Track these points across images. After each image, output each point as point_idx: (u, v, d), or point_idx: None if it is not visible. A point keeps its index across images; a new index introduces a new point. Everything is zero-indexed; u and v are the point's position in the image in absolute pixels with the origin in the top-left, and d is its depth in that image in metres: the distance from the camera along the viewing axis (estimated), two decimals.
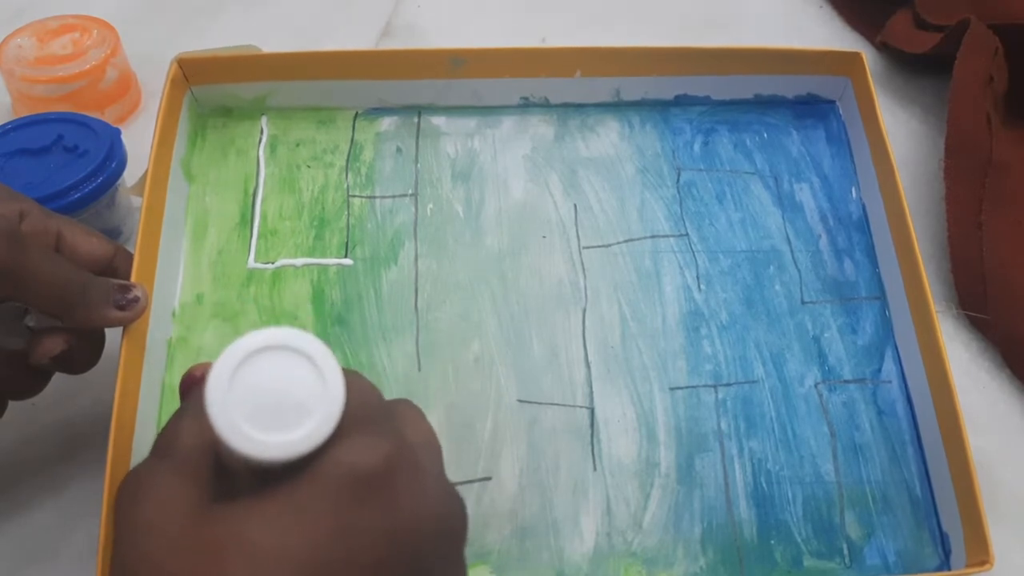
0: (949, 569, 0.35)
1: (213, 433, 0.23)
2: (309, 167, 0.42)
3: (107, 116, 0.49)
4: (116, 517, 0.24)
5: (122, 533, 0.23)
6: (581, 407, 0.38)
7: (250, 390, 0.23)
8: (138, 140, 0.43)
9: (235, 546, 0.22)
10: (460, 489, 0.34)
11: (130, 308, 0.33)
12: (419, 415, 0.27)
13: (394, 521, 0.23)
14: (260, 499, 0.23)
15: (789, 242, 0.42)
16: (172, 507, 0.23)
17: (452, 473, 0.32)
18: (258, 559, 0.21)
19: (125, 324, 0.33)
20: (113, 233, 0.44)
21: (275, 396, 0.23)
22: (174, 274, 0.39)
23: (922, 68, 0.55)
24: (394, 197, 0.41)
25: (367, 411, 0.24)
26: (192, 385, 0.27)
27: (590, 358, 0.39)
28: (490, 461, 0.36)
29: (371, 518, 0.23)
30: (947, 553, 0.36)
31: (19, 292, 0.30)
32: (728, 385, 0.39)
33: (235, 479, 0.24)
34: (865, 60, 0.44)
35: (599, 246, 0.41)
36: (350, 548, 0.22)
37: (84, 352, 0.34)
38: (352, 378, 0.24)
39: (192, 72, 0.41)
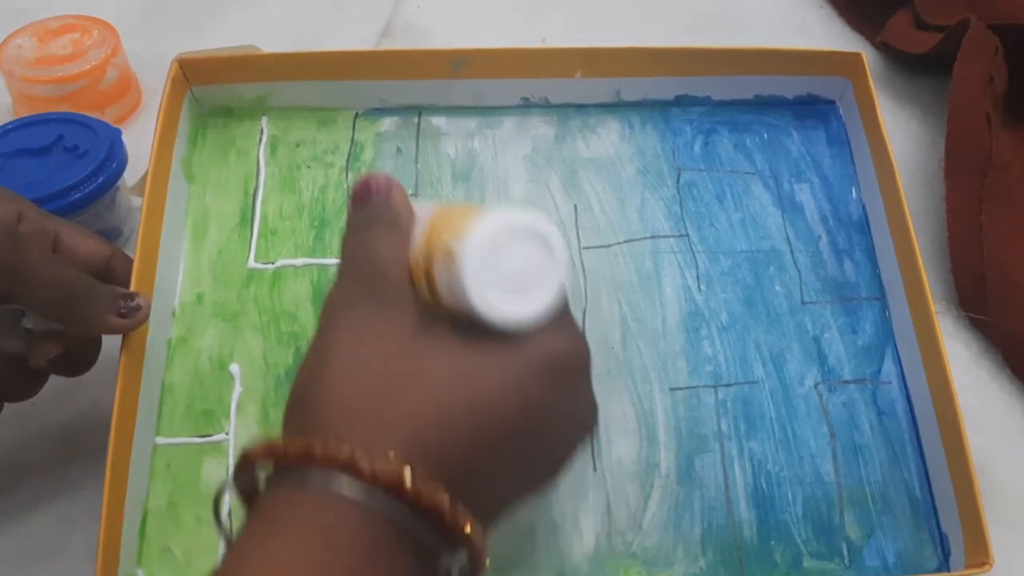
0: (949, 570, 0.35)
1: (414, 252, 0.27)
2: (309, 167, 0.42)
3: (107, 116, 0.49)
4: (325, 321, 0.27)
5: (332, 337, 0.26)
6: None
7: (497, 265, 0.26)
8: (138, 140, 0.43)
9: (442, 374, 0.25)
10: None
11: (131, 316, 0.33)
12: None
13: (566, 407, 0.27)
14: (469, 348, 0.26)
15: (789, 242, 0.42)
16: (386, 326, 0.26)
17: None
18: (460, 395, 0.25)
19: (125, 331, 0.33)
20: (113, 233, 0.44)
21: (515, 272, 0.26)
22: (174, 274, 0.39)
23: (922, 68, 0.55)
24: None
25: (566, 309, 0.28)
26: (373, 194, 0.28)
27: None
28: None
29: (551, 398, 0.26)
30: (947, 554, 0.36)
31: (19, 292, 0.30)
32: (728, 386, 0.39)
33: (436, 315, 0.27)
34: (865, 61, 0.44)
35: (599, 246, 0.41)
36: (529, 416, 0.26)
37: (81, 355, 0.34)
38: None
39: (192, 72, 0.41)
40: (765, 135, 0.45)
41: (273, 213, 0.41)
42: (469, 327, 0.26)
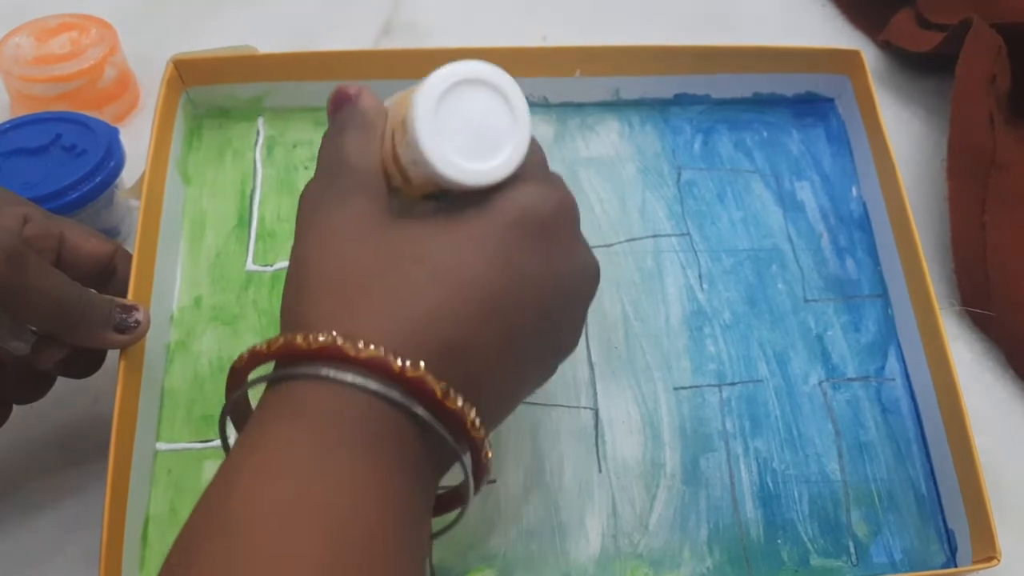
0: (955, 566, 0.35)
1: (384, 144, 0.26)
2: (307, 168, 0.42)
3: (105, 115, 0.48)
4: (300, 222, 0.26)
5: (307, 235, 0.26)
6: (585, 408, 0.37)
7: (452, 119, 0.24)
8: (137, 139, 0.43)
9: (415, 254, 0.24)
10: None
11: (130, 332, 0.32)
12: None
13: (550, 268, 0.26)
14: (439, 223, 0.25)
15: (791, 240, 0.42)
16: (356, 214, 0.25)
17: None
18: (433, 271, 0.24)
19: (124, 347, 0.33)
20: (111, 233, 0.44)
21: (473, 127, 0.24)
22: (172, 278, 0.38)
23: (925, 67, 0.55)
24: None
25: (541, 161, 0.27)
26: (343, 103, 0.28)
27: (593, 359, 0.38)
28: (494, 463, 0.36)
29: (532, 260, 0.25)
30: (953, 550, 0.36)
31: (18, 311, 0.30)
32: (732, 384, 0.38)
33: (405, 202, 0.26)
34: (864, 58, 0.44)
35: (601, 246, 0.41)
36: (510, 283, 0.25)
37: (87, 357, 0.34)
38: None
39: (188, 73, 0.41)
40: (765, 133, 0.45)
41: (271, 215, 0.40)
42: (441, 205, 0.26)
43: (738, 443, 0.37)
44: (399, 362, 0.23)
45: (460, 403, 0.24)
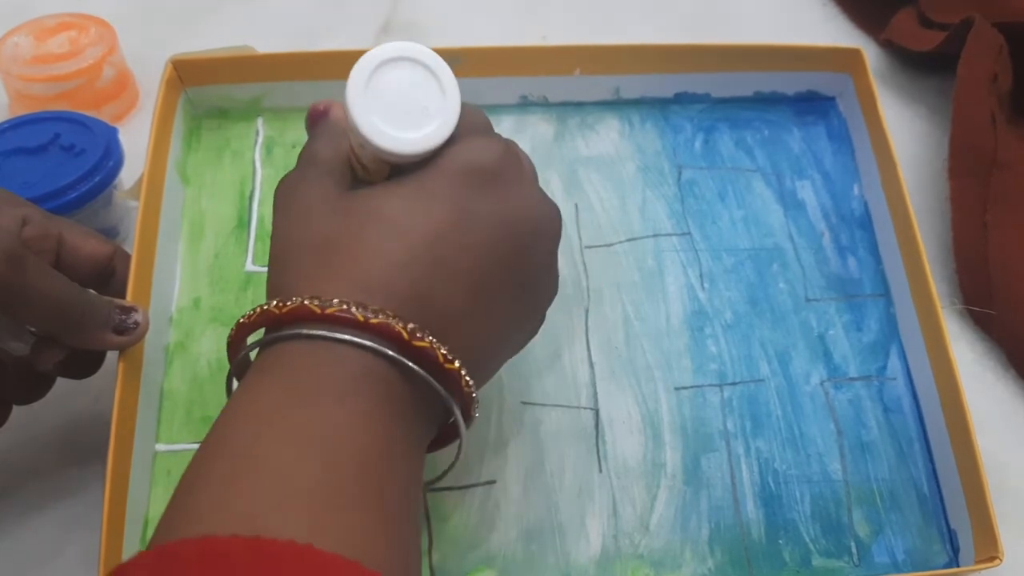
0: (958, 566, 0.35)
1: (348, 143, 0.28)
2: None
3: (104, 115, 0.48)
4: (275, 207, 0.29)
5: (280, 216, 0.29)
6: (585, 408, 0.37)
7: (382, 95, 0.26)
8: (135, 139, 0.42)
9: (372, 214, 0.27)
10: (463, 494, 0.35)
11: (129, 333, 0.33)
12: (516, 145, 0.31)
13: (502, 209, 0.28)
14: (391, 185, 0.27)
15: (792, 239, 0.42)
16: (321, 193, 0.28)
17: (456, 477, 0.32)
18: (390, 226, 0.26)
19: (123, 348, 0.33)
20: (110, 233, 0.44)
21: (403, 100, 0.27)
22: (171, 279, 0.38)
23: (927, 66, 0.55)
24: None
25: (479, 122, 0.29)
26: (318, 118, 0.31)
27: (594, 358, 0.38)
28: (494, 464, 0.36)
29: (483, 204, 0.27)
30: (955, 550, 0.36)
31: (17, 312, 0.30)
32: (733, 384, 0.38)
33: (365, 183, 0.28)
34: (865, 56, 0.43)
35: (601, 245, 0.41)
36: (464, 227, 0.27)
37: (86, 358, 0.34)
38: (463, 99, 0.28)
39: (187, 73, 0.41)
40: (766, 132, 0.45)
41: (270, 215, 0.40)
42: (394, 177, 0.28)
43: (739, 443, 0.37)
44: (361, 313, 0.25)
45: (428, 340, 0.26)
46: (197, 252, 0.39)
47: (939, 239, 0.47)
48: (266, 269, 0.39)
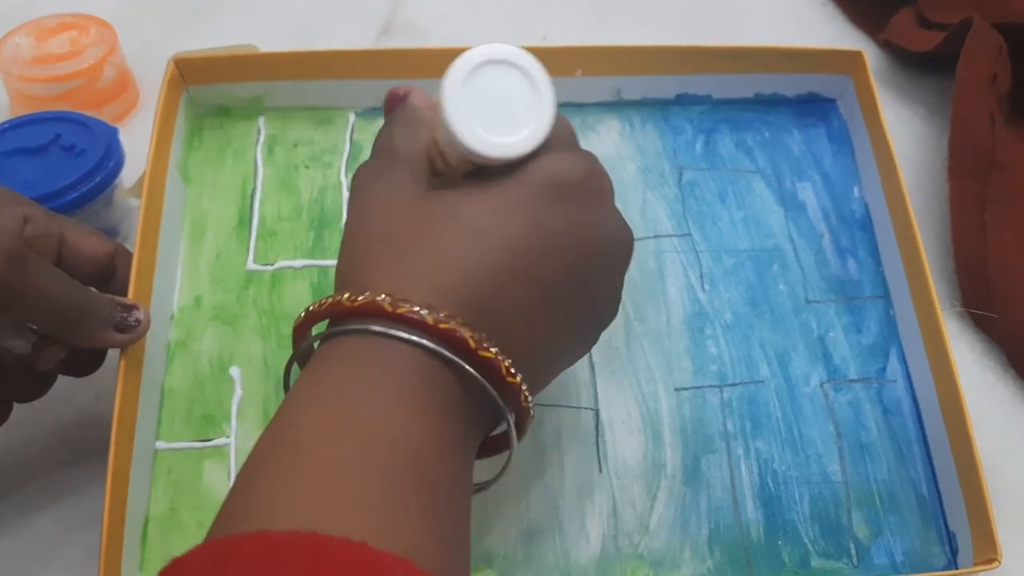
0: (956, 568, 0.35)
1: (427, 134, 0.28)
2: (308, 168, 0.42)
3: (104, 115, 0.48)
4: (351, 197, 0.29)
5: (357, 208, 0.29)
6: (586, 408, 0.37)
7: (478, 96, 0.26)
8: (135, 139, 0.42)
9: (451, 219, 0.27)
10: None
11: (130, 331, 0.33)
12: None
13: (580, 227, 0.28)
14: (473, 188, 0.27)
15: (792, 241, 0.42)
16: (400, 189, 0.28)
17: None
18: (467, 233, 0.26)
19: (124, 346, 0.33)
20: (110, 233, 0.44)
21: (498, 104, 0.27)
22: (172, 277, 0.38)
23: (926, 66, 0.55)
24: None
25: (566, 134, 0.29)
26: (396, 103, 0.30)
27: (594, 359, 0.38)
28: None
29: (562, 220, 0.27)
30: (954, 552, 0.36)
31: (18, 311, 0.30)
32: (733, 385, 0.38)
33: (445, 179, 0.28)
34: (866, 58, 0.43)
35: None
36: (540, 241, 0.27)
37: (87, 356, 0.34)
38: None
39: (189, 72, 0.41)
40: (766, 133, 0.45)
41: (271, 214, 0.40)
42: (475, 181, 0.28)
43: (739, 444, 0.37)
44: (431, 316, 0.25)
45: (493, 352, 0.26)
46: (198, 251, 0.39)
47: (939, 239, 0.47)
48: (267, 268, 0.39)
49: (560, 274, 0.27)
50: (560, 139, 0.28)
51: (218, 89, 0.42)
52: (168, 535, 0.34)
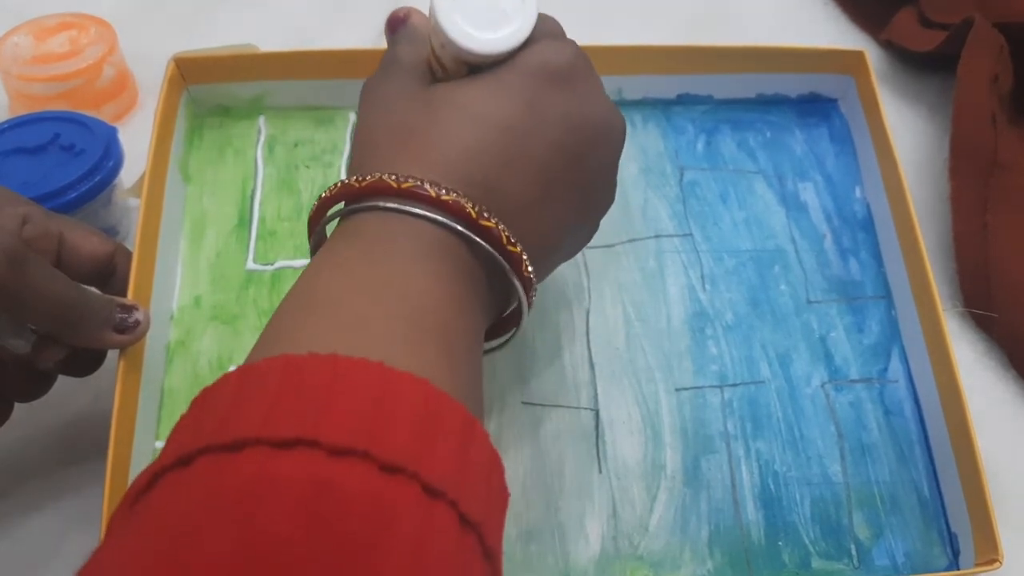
0: (958, 568, 0.35)
1: (428, 47, 0.30)
2: (308, 167, 0.42)
3: (104, 114, 0.48)
4: (360, 103, 0.31)
5: (365, 108, 0.31)
6: (586, 409, 0.37)
7: (466, 2, 0.29)
8: (135, 138, 0.42)
9: (448, 104, 0.29)
10: None
11: (129, 332, 0.33)
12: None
13: (571, 109, 0.29)
14: (470, 79, 0.29)
15: (794, 241, 0.42)
16: (402, 87, 0.30)
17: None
18: (465, 114, 0.28)
19: (124, 346, 0.33)
20: (110, 233, 0.44)
21: (485, 4, 0.29)
22: (172, 277, 0.38)
23: (927, 66, 0.55)
24: None
25: (553, 28, 0.31)
26: (398, 24, 0.32)
27: (594, 359, 0.38)
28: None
29: (554, 102, 0.29)
30: (956, 553, 0.36)
31: (18, 311, 0.30)
32: (734, 386, 0.38)
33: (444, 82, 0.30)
34: (868, 58, 0.43)
35: (602, 246, 0.41)
36: (534, 121, 0.29)
37: (87, 356, 0.34)
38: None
39: (189, 71, 0.40)
40: (768, 134, 0.45)
41: (271, 214, 0.40)
42: (472, 75, 0.30)
43: (739, 445, 0.37)
44: (434, 189, 0.27)
45: (494, 220, 0.27)
46: (198, 250, 0.39)
47: (940, 239, 0.47)
48: (267, 268, 0.39)
49: (556, 153, 0.29)
50: (547, 32, 0.30)
51: (218, 89, 0.42)
52: None
